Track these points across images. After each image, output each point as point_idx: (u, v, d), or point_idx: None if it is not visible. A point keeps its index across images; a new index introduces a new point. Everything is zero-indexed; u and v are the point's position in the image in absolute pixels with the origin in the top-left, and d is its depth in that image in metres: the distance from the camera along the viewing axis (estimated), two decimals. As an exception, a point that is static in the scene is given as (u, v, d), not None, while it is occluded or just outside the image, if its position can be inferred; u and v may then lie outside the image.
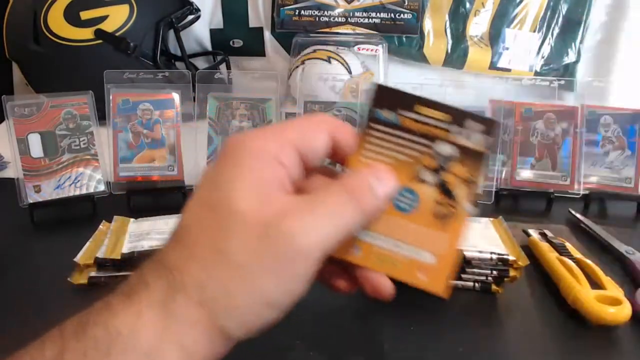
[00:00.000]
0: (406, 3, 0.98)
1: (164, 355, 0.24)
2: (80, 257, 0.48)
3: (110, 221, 0.56)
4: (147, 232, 0.52)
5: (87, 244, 0.51)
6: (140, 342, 0.24)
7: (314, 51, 0.96)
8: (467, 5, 0.98)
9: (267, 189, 0.26)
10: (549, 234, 0.58)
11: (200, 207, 0.27)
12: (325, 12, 1.00)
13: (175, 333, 0.24)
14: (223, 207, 0.26)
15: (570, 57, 0.99)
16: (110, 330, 0.24)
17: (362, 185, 0.27)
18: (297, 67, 0.97)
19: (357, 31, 1.01)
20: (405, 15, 0.99)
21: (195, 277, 0.25)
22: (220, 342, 0.25)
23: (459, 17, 0.99)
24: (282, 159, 0.27)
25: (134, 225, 0.55)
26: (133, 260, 0.47)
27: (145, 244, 0.49)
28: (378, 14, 1.00)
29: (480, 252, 0.48)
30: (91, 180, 0.64)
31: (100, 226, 0.55)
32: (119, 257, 0.48)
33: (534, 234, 0.59)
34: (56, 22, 0.87)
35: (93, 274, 0.47)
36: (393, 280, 0.31)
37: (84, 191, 0.64)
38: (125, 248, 0.49)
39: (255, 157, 0.27)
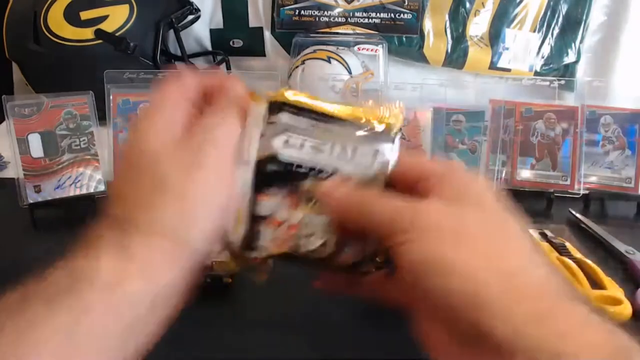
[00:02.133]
0: (406, 3, 0.98)
1: (128, 286, 0.25)
2: None
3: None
4: None
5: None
6: (101, 275, 0.25)
7: (314, 51, 0.96)
8: (467, 5, 0.98)
9: (178, 122, 0.29)
10: (549, 234, 0.58)
11: (127, 163, 0.29)
12: (325, 12, 1.00)
13: (139, 266, 0.26)
14: (145, 152, 0.28)
15: (570, 57, 0.99)
16: (71, 271, 0.25)
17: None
18: (297, 67, 0.97)
19: (357, 31, 1.01)
20: (405, 15, 0.99)
21: (146, 216, 0.27)
22: (186, 259, 0.27)
23: (459, 17, 0.99)
24: (190, 95, 0.30)
25: None
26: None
27: None
28: (378, 14, 1.00)
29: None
30: (91, 180, 0.64)
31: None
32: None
33: (534, 234, 0.59)
34: (56, 22, 0.87)
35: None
36: None
37: (84, 191, 0.64)
38: None
39: (162, 100, 0.30)
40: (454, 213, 0.27)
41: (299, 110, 0.30)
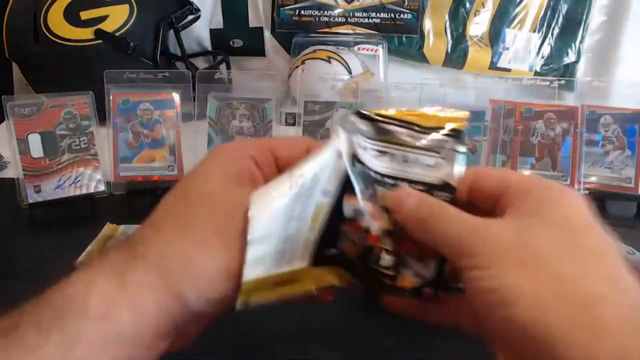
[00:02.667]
0: (406, 3, 0.98)
1: (116, 317, 0.24)
2: (80, 261, 0.48)
3: (112, 222, 0.56)
4: None
5: (89, 247, 0.51)
6: (92, 304, 0.24)
7: (314, 51, 0.96)
8: (467, 5, 0.98)
9: (238, 178, 0.28)
10: (549, 234, 0.58)
11: (174, 196, 0.29)
12: (325, 12, 1.00)
13: (128, 297, 0.25)
14: (192, 191, 0.28)
15: (570, 57, 0.99)
16: (65, 295, 0.25)
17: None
18: (297, 67, 0.97)
19: (357, 31, 1.01)
20: (405, 15, 0.99)
21: (156, 247, 0.26)
22: (176, 310, 0.26)
23: (459, 17, 0.99)
24: (256, 158, 0.29)
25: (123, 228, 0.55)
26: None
27: None
28: (378, 14, 1.00)
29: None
30: (91, 180, 0.64)
31: (104, 230, 0.55)
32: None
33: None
34: (56, 22, 0.87)
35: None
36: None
37: (84, 191, 0.64)
38: None
39: (229, 154, 0.29)
40: (527, 234, 0.24)
41: (369, 119, 0.29)
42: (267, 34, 1.05)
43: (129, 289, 0.25)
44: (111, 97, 0.65)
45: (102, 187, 0.65)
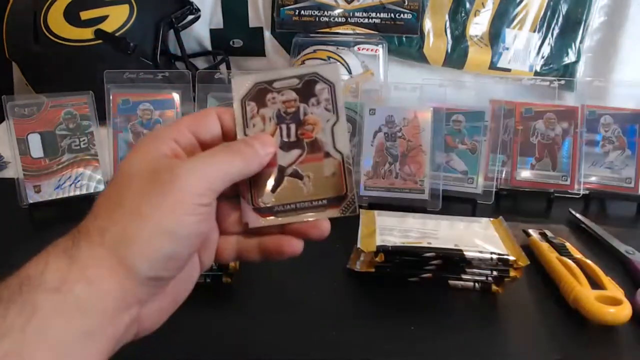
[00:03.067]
0: (406, 3, 0.98)
1: (73, 289, 0.26)
2: None
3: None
4: None
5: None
6: (49, 279, 0.26)
7: (314, 51, 0.96)
8: (467, 5, 0.98)
9: (156, 156, 0.31)
10: (549, 234, 0.58)
11: (109, 185, 0.31)
12: (325, 12, 1.00)
13: (80, 270, 0.27)
14: (120, 176, 0.30)
15: (570, 57, 0.99)
16: (22, 275, 0.27)
17: (240, 143, 0.33)
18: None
19: (357, 31, 1.01)
20: (405, 15, 0.99)
21: (97, 226, 0.29)
22: (128, 278, 0.28)
23: (459, 17, 0.99)
24: (176, 138, 0.32)
25: None
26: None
27: None
28: (378, 14, 0.99)
29: (480, 252, 0.48)
30: (91, 180, 0.64)
31: None
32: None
33: (534, 234, 0.59)
34: (56, 22, 0.87)
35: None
36: None
37: (84, 191, 0.64)
38: None
39: (151, 140, 0.32)
40: None
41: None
42: (267, 34, 1.05)
43: (77, 264, 0.27)
44: (111, 97, 0.65)
45: (102, 187, 0.65)
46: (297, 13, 1.01)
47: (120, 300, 0.28)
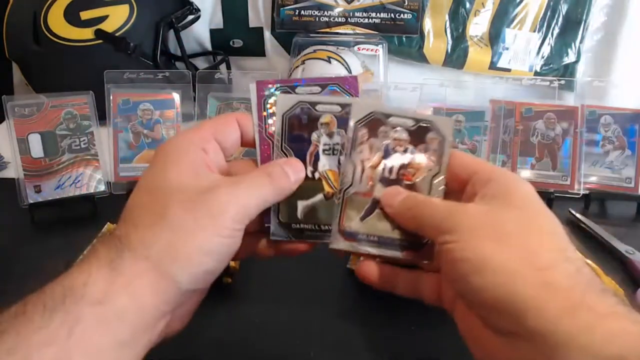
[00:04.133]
0: (406, 3, 0.98)
1: (115, 302, 0.27)
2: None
3: (112, 222, 0.56)
4: None
5: (89, 247, 0.51)
6: (92, 292, 0.27)
7: (314, 51, 0.96)
8: (467, 5, 0.98)
9: (196, 169, 0.31)
10: (549, 234, 0.58)
11: (141, 192, 0.32)
12: (325, 12, 1.00)
13: (123, 284, 0.28)
14: (160, 187, 0.31)
15: (570, 57, 0.99)
16: (65, 286, 0.27)
17: (277, 170, 0.34)
18: (297, 67, 0.97)
19: (357, 31, 1.01)
20: (405, 15, 0.99)
21: (140, 238, 0.29)
22: (169, 290, 0.29)
23: (459, 17, 0.99)
24: (204, 146, 0.33)
25: None
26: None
27: None
28: (378, 14, 0.99)
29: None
30: (91, 180, 0.64)
31: (104, 229, 0.55)
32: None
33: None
34: (56, 22, 0.87)
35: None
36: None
37: (84, 191, 0.64)
38: None
39: (181, 147, 0.32)
40: (494, 214, 0.30)
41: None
42: (267, 34, 1.05)
43: (121, 277, 0.28)
44: (111, 97, 0.65)
45: (102, 187, 0.65)
46: (297, 13, 1.01)
47: (159, 311, 0.29)
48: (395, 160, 0.35)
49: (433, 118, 0.35)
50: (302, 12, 1.01)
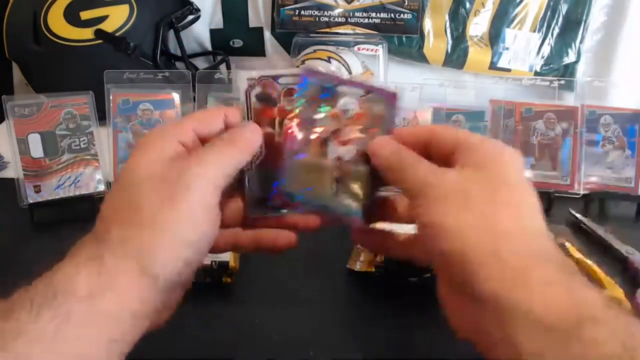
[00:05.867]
0: (406, 3, 0.98)
1: (101, 297, 0.27)
2: None
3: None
4: None
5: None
6: (79, 287, 0.27)
7: (314, 51, 0.96)
8: (467, 5, 0.98)
9: (165, 158, 0.31)
10: (549, 234, 0.58)
11: (117, 189, 0.32)
12: (325, 12, 1.00)
13: (107, 282, 0.28)
14: (132, 180, 0.31)
15: (570, 57, 0.99)
16: (53, 281, 0.28)
17: (237, 133, 0.34)
18: (297, 67, 0.97)
19: (357, 31, 1.01)
20: (405, 15, 0.99)
21: (118, 236, 0.29)
22: (150, 286, 0.29)
23: (459, 17, 0.99)
24: (181, 139, 0.33)
25: None
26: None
27: None
28: (378, 14, 0.99)
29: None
30: (91, 180, 0.64)
31: None
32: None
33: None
34: (56, 22, 0.87)
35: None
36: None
37: (84, 191, 0.64)
38: None
39: (154, 139, 0.32)
40: (465, 181, 0.31)
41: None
42: (267, 34, 1.05)
43: (106, 274, 0.28)
44: (111, 97, 0.65)
45: (102, 187, 0.65)
46: (297, 13, 1.01)
47: (144, 307, 0.29)
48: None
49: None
50: (302, 12, 1.01)
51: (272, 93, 0.37)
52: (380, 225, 0.39)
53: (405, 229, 0.37)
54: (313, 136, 0.38)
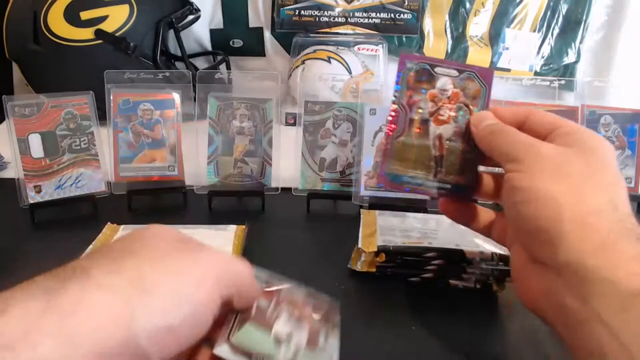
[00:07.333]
0: (406, 3, 0.98)
1: (35, 341, 0.20)
2: None
3: (113, 222, 0.56)
4: None
5: (90, 247, 0.51)
6: (5, 332, 0.20)
7: (314, 51, 0.96)
8: (467, 5, 0.98)
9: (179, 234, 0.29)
10: (549, 233, 0.58)
11: (121, 238, 0.28)
12: (325, 12, 1.00)
13: (58, 321, 0.20)
14: (141, 236, 0.27)
15: (570, 57, 0.99)
16: None
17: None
18: (297, 67, 0.97)
19: (357, 31, 1.01)
20: (405, 15, 0.99)
21: (103, 266, 0.24)
22: (123, 336, 0.22)
23: (459, 17, 0.99)
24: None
25: (121, 234, 0.54)
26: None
27: None
28: (378, 14, 1.00)
29: (481, 251, 0.48)
30: (92, 180, 0.64)
31: (104, 229, 0.55)
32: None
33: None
34: (56, 22, 0.87)
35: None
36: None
37: (84, 191, 0.64)
38: None
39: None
40: (563, 155, 0.32)
41: None
42: (267, 34, 1.05)
43: (57, 312, 0.21)
44: (111, 97, 0.65)
45: (102, 187, 0.65)
46: (297, 13, 1.01)
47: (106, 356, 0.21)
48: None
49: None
50: (302, 12, 1.01)
51: None
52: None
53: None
54: (415, 117, 0.40)
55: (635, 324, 0.27)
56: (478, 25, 0.99)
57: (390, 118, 0.41)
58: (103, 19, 0.87)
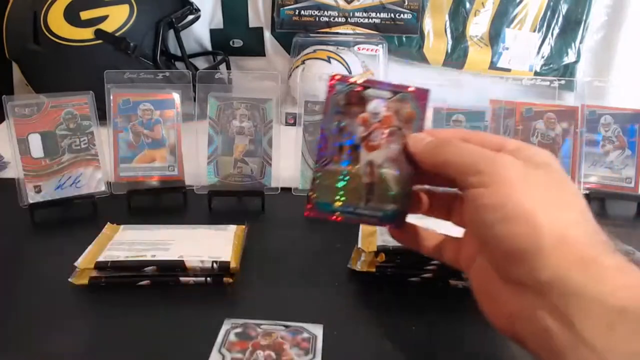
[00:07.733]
0: (406, 3, 0.98)
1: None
2: (80, 262, 0.48)
3: (112, 222, 0.56)
4: (130, 242, 0.51)
5: (89, 247, 0.51)
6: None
7: (314, 51, 0.96)
8: (467, 5, 0.98)
9: None
10: (549, 233, 0.58)
11: None
12: (325, 12, 1.00)
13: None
14: None
15: (570, 57, 0.99)
16: None
17: None
18: (297, 67, 0.97)
19: (357, 31, 1.01)
20: (405, 15, 0.99)
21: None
22: None
23: (459, 17, 0.99)
24: None
25: (121, 234, 0.54)
26: (134, 265, 0.47)
27: (122, 255, 0.48)
28: (378, 14, 1.00)
29: (480, 252, 0.48)
30: (92, 180, 0.64)
31: (104, 229, 0.55)
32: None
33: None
34: (56, 22, 0.87)
35: (94, 274, 0.47)
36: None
37: (84, 191, 0.64)
38: (102, 257, 0.48)
39: None
40: (527, 167, 0.31)
41: None
42: (267, 34, 1.05)
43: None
44: (111, 97, 0.65)
45: (102, 188, 0.65)
46: (297, 13, 1.01)
47: None
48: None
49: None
50: (302, 12, 1.01)
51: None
52: (413, 224, 0.41)
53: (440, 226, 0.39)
54: (345, 143, 0.38)
55: (622, 343, 0.26)
56: (478, 25, 0.99)
57: (320, 146, 0.38)
58: (103, 19, 0.87)
